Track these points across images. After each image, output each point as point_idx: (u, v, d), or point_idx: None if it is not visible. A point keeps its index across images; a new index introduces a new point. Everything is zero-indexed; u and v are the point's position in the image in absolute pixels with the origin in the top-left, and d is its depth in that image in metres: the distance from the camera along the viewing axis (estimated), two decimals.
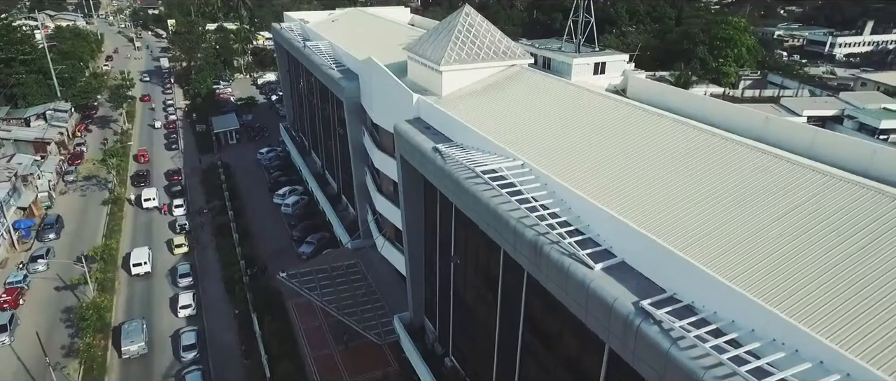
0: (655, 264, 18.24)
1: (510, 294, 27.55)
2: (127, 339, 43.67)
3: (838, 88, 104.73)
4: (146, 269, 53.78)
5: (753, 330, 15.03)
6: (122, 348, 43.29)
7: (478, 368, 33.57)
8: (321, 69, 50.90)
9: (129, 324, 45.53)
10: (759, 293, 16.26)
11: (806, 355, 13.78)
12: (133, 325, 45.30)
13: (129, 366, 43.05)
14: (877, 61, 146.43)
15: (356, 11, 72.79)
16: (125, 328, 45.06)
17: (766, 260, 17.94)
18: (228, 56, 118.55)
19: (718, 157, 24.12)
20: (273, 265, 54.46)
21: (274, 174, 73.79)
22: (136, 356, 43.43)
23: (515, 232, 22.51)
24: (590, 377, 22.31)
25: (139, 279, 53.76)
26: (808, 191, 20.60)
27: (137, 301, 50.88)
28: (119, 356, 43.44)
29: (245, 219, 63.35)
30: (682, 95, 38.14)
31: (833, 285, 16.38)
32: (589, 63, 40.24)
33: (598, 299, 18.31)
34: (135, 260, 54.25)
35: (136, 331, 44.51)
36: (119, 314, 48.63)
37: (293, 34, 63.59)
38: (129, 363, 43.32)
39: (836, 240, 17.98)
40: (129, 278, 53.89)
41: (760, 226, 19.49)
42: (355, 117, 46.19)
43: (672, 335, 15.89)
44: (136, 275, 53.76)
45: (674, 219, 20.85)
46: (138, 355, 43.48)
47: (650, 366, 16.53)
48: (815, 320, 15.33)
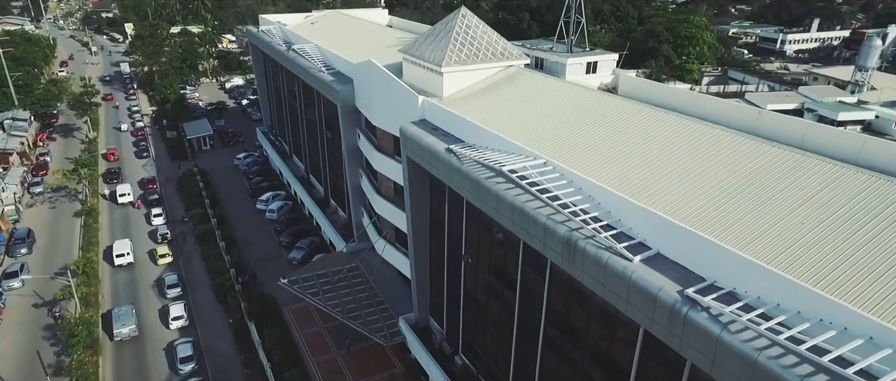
0: (693, 253, 19.12)
1: (530, 289, 28.18)
2: (118, 322, 45.70)
3: (794, 82, 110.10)
4: (129, 259, 55.59)
5: (799, 312, 16.04)
6: (115, 331, 45.12)
7: (492, 364, 34.09)
8: (310, 73, 50.42)
9: (119, 309, 47.59)
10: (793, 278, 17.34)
11: (855, 332, 14.83)
12: (123, 309, 47.45)
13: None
14: (823, 56, 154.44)
15: (335, 14, 72.22)
16: (115, 312, 47.08)
17: (791, 248, 19.08)
18: (194, 60, 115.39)
19: (728, 150, 25.35)
20: (262, 273, 53.75)
21: (254, 180, 72.46)
22: (127, 338, 45.47)
23: (546, 229, 23.12)
24: (620, 366, 23.16)
25: (122, 270, 55.22)
26: (819, 181, 21.95)
27: (123, 290, 52.33)
28: (111, 340, 45.31)
29: (228, 226, 62.04)
30: (672, 92, 39.72)
31: (859, 269, 17.60)
32: (582, 63, 41.48)
33: (640, 290, 19.08)
34: (117, 251, 55.96)
35: (127, 315, 46.60)
36: (106, 302, 50.28)
37: (273, 37, 62.66)
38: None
39: (853, 227, 19.27)
40: (112, 269, 55.26)
41: (780, 216, 20.67)
42: (350, 120, 45.99)
43: (721, 321, 16.78)
44: (119, 266, 55.34)
45: (697, 211, 21.87)
46: (130, 337, 45.50)
47: (699, 351, 17.38)
48: (850, 300, 16.48)
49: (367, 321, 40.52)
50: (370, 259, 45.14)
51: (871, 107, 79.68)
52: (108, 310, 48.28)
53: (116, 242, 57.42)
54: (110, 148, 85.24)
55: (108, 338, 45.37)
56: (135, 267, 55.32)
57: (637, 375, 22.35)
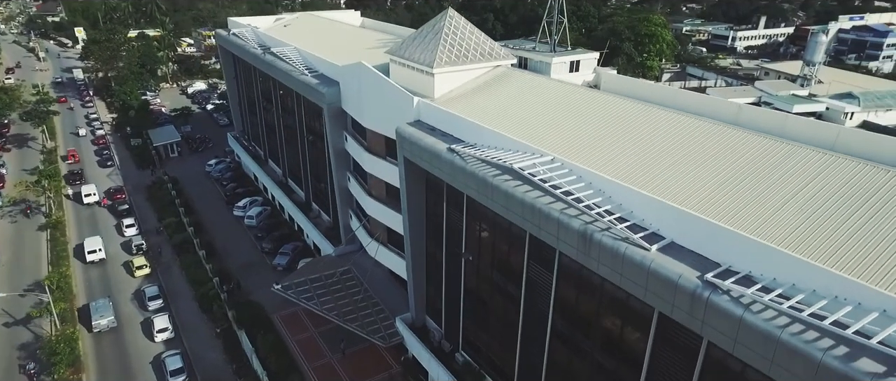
0: (708, 241, 20.20)
1: (537, 282, 28.90)
2: (97, 314, 46.78)
3: (746, 77, 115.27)
4: (101, 256, 56.64)
5: (815, 291, 17.26)
6: (93, 322, 46.12)
7: (496, 359, 34.72)
8: (291, 76, 49.89)
9: (97, 302, 48.75)
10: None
11: (869, 306, 16.10)
12: (101, 302, 48.74)
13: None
14: (770, 52, 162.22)
15: (307, 16, 71.41)
16: (93, 305, 48.15)
17: (794, 233, 20.40)
18: (153, 65, 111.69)
19: (721, 142, 26.70)
20: (246, 280, 52.87)
21: (229, 186, 70.95)
22: (106, 330, 46.56)
23: (559, 223, 23.88)
24: (633, 352, 24.14)
25: (95, 266, 56.37)
26: (811, 170, 23.45)
27: (97, 286, 53.33)
28: (90, 332, 46.29)
29: (206, 234, 60.61)
30: (652, 88, 41.31)
31: (859, 249, 19.01)
32: (565, 62, 42.49)
33: (661, 278, 20.04)
34: (89, 248, 56.98)
35: (105, 307, 47.86)
36: (81, 298, 51.34)
37: (247, 40, 61.59)
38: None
39: (848, 210, 20.74)
40: (84, 266, 56.27)
41: (779, 203, 22.03)
42: (336, 123, 45.80)
43: (743, 302, 17.87)
44: (91, 262, 56.35)
45: (701, 202, 23.03)
46: (108, 328, 46.62)
47: (722, 332, 18.43)
48: (858, 277, 17.80)
49: (364, 324, 40.52)
50: (362, 261, 45.09)
51: (822, 99, 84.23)
52: (82, 304, 49.76)
53: (88, 239, 58.63)
54: (70, 150, 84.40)
55: (87, 330, 46.57)
56: (107, 263, 56.52)
57: (650, 360, 23.37)
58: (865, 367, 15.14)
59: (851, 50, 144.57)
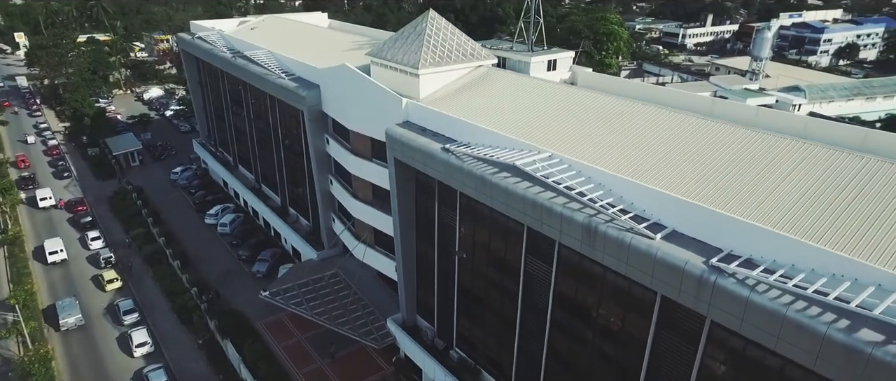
0: (709, 228, 21.36)
1: (535, 276, 29.66)
2: (64, 313, 46.93)
3: (699, 73, 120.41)
4: (62, 256, 56.57)
5: (813, 270, 18.60)
6: (60, 321, 46.33)
7: (493, 353, 35.34)
8: (267, 80, 49.15)
9: (63, 301, 48.74)
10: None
11: (864, 281, 17.50)
12: (67, 301, 48.72)
13: None
14: (718, 48, 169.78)
15: (274, 18, 70.19)
16: (59, 304, 48.19)
17: (785, 217, 21.82)
18: (105, 71, 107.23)
19: (707, 134, 28.11)
20: (225, 289, 51.78)
21: (198, 194, 69.07)
22: (74, 328, 46.67)
23: (562, 217, 24.70)
24: (635, 337, 25.19)
25: (57, 267, 56.21)
26: (794, 157, 25.07)
27: (60, 286, 53.16)
28: (57, 331, 46.42)
29: (178, 244, 58.89)
30: (627, 84, 42.97)
31: (846, 230, 20.56)
32: (543, 61, 43.51)
33: (667, 265, 21.08)
34: (50, 249, 56.82)
35: (71, 306, 47.97)
36: (45, 299, 51.19)
37: (215, 44, 60.19)
38: None
39: (831, 195, 22.33)
40: (44, 268, 56.12)
41: (768, 190, 23.48)
42: (317, 126, 45.44)
43: (748, 284, 19.06)
44: (53, 263, 56.22)
45: (697, 191, 24.28)
46: (76, 326, 46.74)
47: (729, 313, 19.58)
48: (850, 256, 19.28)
49: (355, 326, 40.45)
50: (348, 264, 44.92)
51: (772, 93, 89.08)
52: (47, 305, 49.92)
53: (48, 241, 58.21)
54: (18, 155, 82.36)
55: (54, 329, 46.59)
56: (69, 263, 56.42)
57: (653, 344, 24.46)
58: (866, 337, 16.48)
59: (792, 45, 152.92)
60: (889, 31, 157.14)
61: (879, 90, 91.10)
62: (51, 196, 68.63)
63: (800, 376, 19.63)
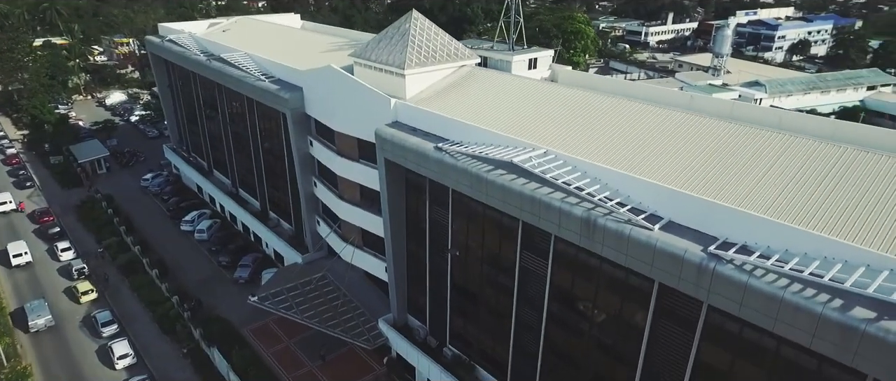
0: (704, 217, 22.29)
1: (531, 270, 30.26)
2: (33, 314, 46.88)
3: (662, 69, 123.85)
4: (27, 259, 56.05)
5: (806, 253, 19.67)
6: (29, 323, 46.26)
7: (488, 349, 35.81)
8: (245, 82, 48.42)
9: (32, 303, 48.60)
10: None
11: (854, 263, 18.63)
12: (36, 303, 48.66)
13: None
14: (679, 46, 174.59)
15: (246, 20, 69.01)
16: (28, 306, 47.99)
17: (774, 204, 22.96)
18: (63, 76, 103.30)
19: (691, 128, 29.20)
20: (207, 296, 50.80)
21: (171, 201, 67.37)
22: (44, 329, 46.65)
23: (561, 212, 25.34)
24: (633, 325, 26.03)
25: (21, 270, 55.60)
26: (776, 148, 26.33)
27: (26, 289, 52.67)
28: (26, 332, 46.31)
29: (154, 253, 57.40)
30: (604, 80, 44.31)
31: (832, 215, 21.80)
32: (524, 60, 44.28)
33: (667, 254, 21.92)
34: (14, 252, 56.24)
35: (41, 307, 47.94)
36: (11, 302, 50.62)
37: (188, 47, 58.89)
38: None
39: (815, 182, 23.63)
40: (8, 271, 55.46)
41: (755, 180, 24.64)
42: (300, 128, 45.07)
43: (746, 269, 20.02)
44: (17, 266, 55.62)
45: (689, 182, 25.26)
46: (46, 327, 46.76)
47: (728, 298, 20.51)
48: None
49: (346, 328, 40.35)
50: (335, 266, 44.71)
51: (735, 88, 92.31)
52: (14, 308, 49.44)
53: (10, 244, 57.49)
54: None
55: (23, 331, 46.45)
56: (34, 266, 55.87)
57: (651, 331, 25.35)
58: (860, 315, 17.57)
59: (749, 42, 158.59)
60: (837, 28, 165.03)
61: (833, 84, 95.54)
62: (11, 200, 67.42)
63: (794, 355, 20.79)
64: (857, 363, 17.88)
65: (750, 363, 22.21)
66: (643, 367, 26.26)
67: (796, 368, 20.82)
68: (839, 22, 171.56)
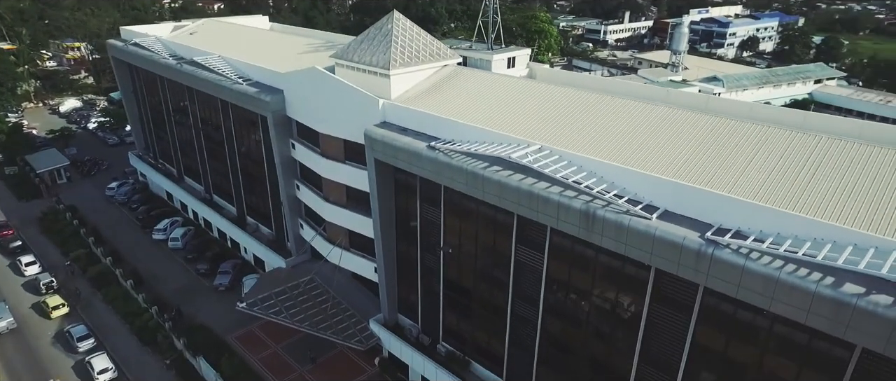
0: (698, 206, 23.43)
1: (527, 263, 30.99)
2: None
3: (623, 66, 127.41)
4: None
5: (797, 236, 20.99)
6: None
7: (483, 343, 36.38)
8: (223, 86, 47.52)
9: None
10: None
11: (842, 243, 20.02)
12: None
13: None
14: (636, 44, 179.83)
15: (213, 22, 67.48)
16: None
17: (761, 191, 24.33)
18: (12, 82, 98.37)
19: (674, 122, 30.47)
20: (187, 305, 49.58)
21: (141, 209, 65.31)
22: (6, 332, 46.30)
23: (559, 205, 26.13)
24: (630, 312, 27.08)
25: None
26: (756, 139, 27.82)
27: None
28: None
29: (126, 263, 55.59)
30: (579, 77, 45.56)
31: (814, 199, 23.30)
32: (504, 59, 45.11)
33: (666, 242, 22.96)
34: None
35: (1, 309, 47.46)
36: None
37: (155, 51, 57.26)
38: None
39: (796, 169, 25.15)
40: None
41: (741, 168, 25.97)
42: (282, 131, 44.58)
43: (742, 253, 21.21)
44: None
45: (679, 172, 26.43)
46: (8, 330, 46.38)
47: (726, 281, 21.66)
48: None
49: (337, 330, 40.23)
50: (322, 269, 44.44)
51: (694, 83, 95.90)
52: None
53: None
54: None
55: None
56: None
57: (648, 317, 26.43)
58: (850, 290, 18.94)
59: (702, 39, 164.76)
60: (782, 25, 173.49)
61: (783, 78, 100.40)
62: None
63: (786, 332, 22.17)
64: (848, 335, 19.26)
65: (744, 341, 23.53)
66: (640, 351, 27.37)
67: (788, 343, 22.22)
68: (784, 19, 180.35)
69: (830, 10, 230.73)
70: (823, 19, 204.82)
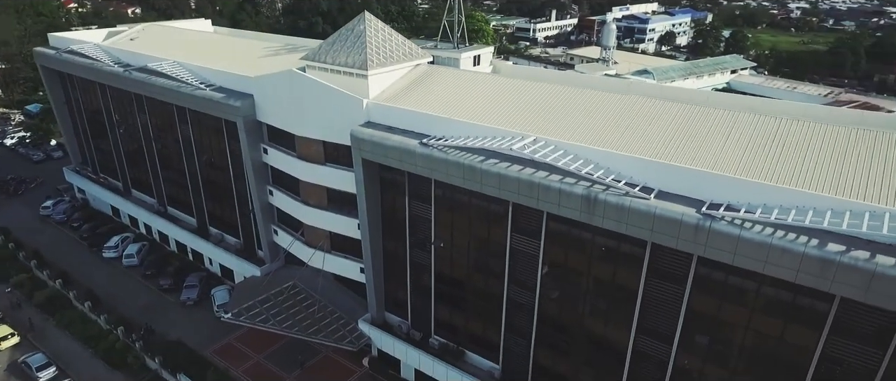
0: (689, 184, 25.70)
1: (523, 252, 32.44)
2: None
3: (557, 63, 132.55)
4: None
5: (781, 205, 23.64)
6: None
7: (478, 332, 37.46)
8: (184, 92, 45.69)
9: None
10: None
11: (821, 209, 22.80)
12: None
13: None
14: (563, 41, 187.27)
15: (155, 27, 64.04)
16: None
17: (740, 167, 26.94)
18: None
19: (646, 111, 32.76)
20: (154, 323, 47.33)
21: (84, 227, 61.25)
22: None
23: (561, 192, 27.75)
24: (627, 287, 29.09)
25: None
26: (726, 123, 30.60)
27: None
28: None
29: (78, 285, 52.14)
30: (541, 71, 47.77)
31: (788, 173, 26.21)
32: (470, 56, 46.46)
33: (666, 219, 25.06)
34: None
35: None
36: None
37: (97, 58, 53.95)
38: None
39: (766, 147, 28.08)
40: None
41: (719, 148, 28.57)
42: (253, 137, 43.57)
43: (736, 224, 23.62)
44: None
45: (664, 155, 28.69)
46: None
47: (723, 250, 24.01)
48: None
49: (328, 333, 40.02)
50: (303, 274, 43.94)
51: (627, 77, 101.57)
52: None
53: None
54: None
55: None
56: None
57: (644, 290, 28.57)
58: (834, 249, 21.69)
59: (625, 35, 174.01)
60: (694, 20, 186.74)
61: (705, 69, 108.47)
62: None
63: (773, 293, 24.86)
64: (833, 288, 22.03)
65: (735, 304, 26.09)
66: (638, 325, 29.52)
67: (774, 302, 24.93)
68: (695, 15, 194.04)
69: (732, 6, 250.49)
70: (726, 14, 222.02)
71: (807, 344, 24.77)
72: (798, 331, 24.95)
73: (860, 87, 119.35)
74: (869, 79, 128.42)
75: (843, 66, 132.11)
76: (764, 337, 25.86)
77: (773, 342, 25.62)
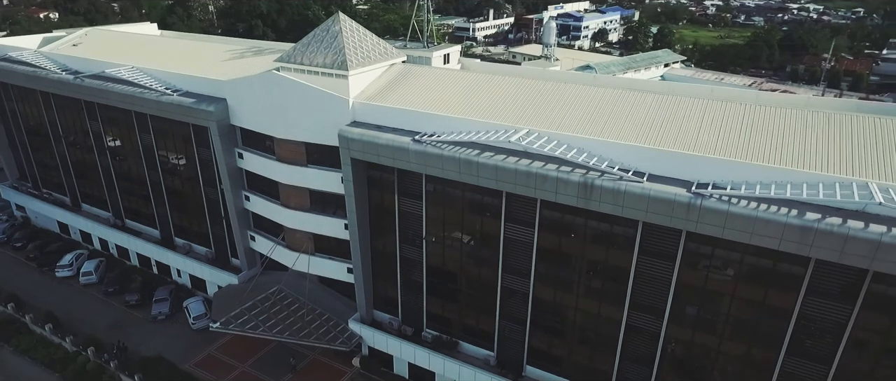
0: (678, 167, 27.88)
1: (517, 240, 33.79)
2: None
3: (505, 61, 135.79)
4: None
5: (761, 182, 26.17)
6: None
7: (472, 322, 38.50)
8: (149, 98, 43.82)
9: None
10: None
11: (796, 183, 25.48)
12: None
13: None
14: (502, 39, 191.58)
15: (101, 31, 60.31)
16: None
17: (717, 149, 29.45)
18: None
19: (622, 102, 34.88)
20: (126, 341, 45.25)
21: (30, 246, 57.29)
22: None
23: (558, 181, 29.28)
24: (620, 267, 31.06)
25: None
26: (698, 110, 33.14)
27: None
28: None
29: (32, 308, 48.87)
30: (506, 67, 49.60)
31: (761, 153, 28.92)
32: (441, 55, 47.47)
33: (660, 200, 27.09)
34: None
35: None
36: None
37: (42, 65, 50.66)
38: None
39: (738, 131, 30.78)
40: None
41: (695, 133, 30.99)
42: (227, 141, 42.52)
43: (724, 200, 25.94)
44: None
45: (648, 141, 30.84)
46: None
47: (713, 225, 26.27)
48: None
49: (319, 335, 39.82)
50: (286, 278, 43.40)
51: (571, 72, 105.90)
52: None
53: None
54: None
55: None
56: None
57: (636, 268, 30.62)
58: (811, 217, 24.34)
59: (561, 33, 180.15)
60: (623, 18, 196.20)
61: (641, 63, 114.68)
62: None
63: (754, 260, 27.44)
64: (812, 252, 24.71)
65: (721, 273, 28.56)
66: (630, 300, 31.56)
67: (757, 269, 27.54)
68: (623, 13, 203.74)
69: (654, 4, 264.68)
70: (649, 12, 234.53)
71: (785, 306, 27.53)
72: (777, 295, 27.67)
73: (776, 77, 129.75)
74: (782, 69, 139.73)
75: (759, 58, 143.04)
76: (748, 303, 28.47)
77: (756, 307, 28.25)
